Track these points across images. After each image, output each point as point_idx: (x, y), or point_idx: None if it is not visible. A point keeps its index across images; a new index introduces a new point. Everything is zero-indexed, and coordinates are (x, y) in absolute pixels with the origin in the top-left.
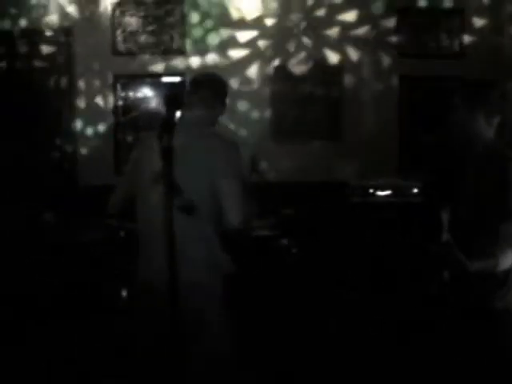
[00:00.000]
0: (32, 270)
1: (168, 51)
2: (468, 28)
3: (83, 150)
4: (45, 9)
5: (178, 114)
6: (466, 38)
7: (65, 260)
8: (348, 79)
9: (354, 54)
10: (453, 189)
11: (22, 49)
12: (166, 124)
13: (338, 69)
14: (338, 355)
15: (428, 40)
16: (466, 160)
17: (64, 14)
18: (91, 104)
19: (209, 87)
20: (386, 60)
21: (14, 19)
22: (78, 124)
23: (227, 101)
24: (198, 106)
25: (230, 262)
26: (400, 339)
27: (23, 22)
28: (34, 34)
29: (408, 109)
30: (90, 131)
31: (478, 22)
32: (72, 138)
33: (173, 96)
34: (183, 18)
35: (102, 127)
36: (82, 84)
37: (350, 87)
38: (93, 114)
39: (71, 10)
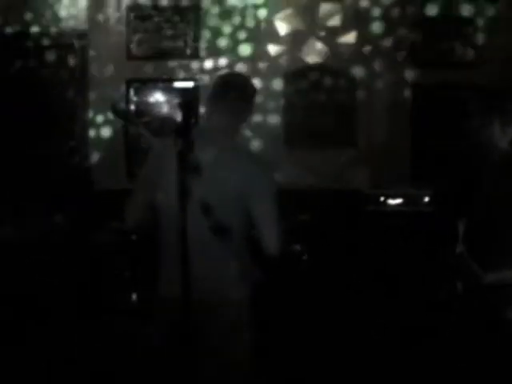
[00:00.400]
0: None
1: (182, 56)
2: (483, 36)
3: (96, 155)
4: (59, 12)
5: (193, 121)
6: (481, 47)
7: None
8: (362, 87)
9: (368, 62)
10: (466, 199)
11: (37, 52)
12: (181, 129)
13: (352, 76)
14: (349, 361)
15: (443, 48)
16: (480, 170)
17: (78, 18)
18: (104, 108)
19: (239, 90)
20: (400, 68)
21: (29, 23)
22: (91, 128)
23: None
24: (226, 113)
25: (260, 274)
26: (411, 349)
27: (38, 26)
28: (49, 38)
29: (421, 117)
30: (103, 135)
31: (493, 30)
32: (85, 142)
33: (188, 100)
34: (198, 23)
35: (114, 131)
36: (95, 88)
37: (363, 95)
38: (106, 119)
39: (86, 13)
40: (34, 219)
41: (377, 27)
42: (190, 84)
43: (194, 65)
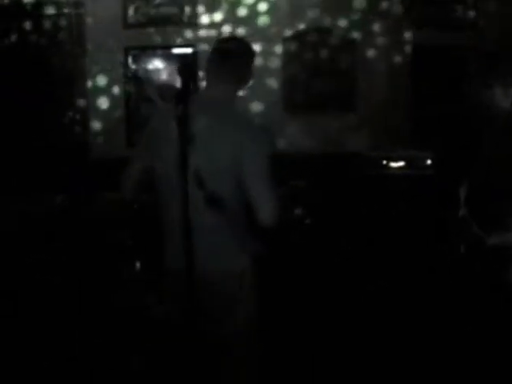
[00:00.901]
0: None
1: (179, 23)
2: None
3: (95, 124)
4: None
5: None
6: (481, 8)
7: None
8: (362, 50)
9: (368, 25)
10: (468, 161)
11: (33, 21)
12: (180, 94)
13: (352, 39)
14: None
15: (443, 10)
16: (482, 131)
17: None
18: (102, 76)
19: (237, 56)
20: (400, 30)
21: None
22: (90, 97)
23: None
24: (225, 79)
25: (260, 246)
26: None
27: None
28: (45, 7)
29: (422, 79)
30: (101, 104)
31: None
32: (83, 111)
33: (186, 65)
34: None
35: (113, 100)
36: (92, 56)
37: (363, 58)
38: (104, 87)
39: None
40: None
41: None
42: (188, 50)
43: (191, 31)
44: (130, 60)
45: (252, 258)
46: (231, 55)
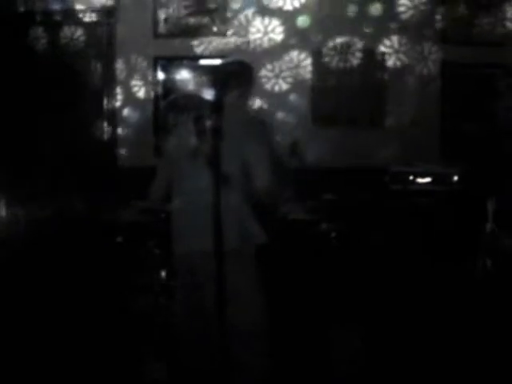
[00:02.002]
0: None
1: (209, 33)
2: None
3: (123, 132)
4: None
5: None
6: (510, 26)
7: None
8: (391, 65)
9: (397, 40)
10: (496, 177)
11: (65, 29)
12: (215, 105)
13: (382, 54)
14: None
15: (472, 27)
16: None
17: None
18: (131, 85)
19: (236, 80)
20: (429, 46)
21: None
22: (118, 105)
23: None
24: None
25: (262, 232)
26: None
27: (67, 2)
28: (77, 14)
29: (451, 95)
30: (130, 113)
31: None
32: (112, 119)
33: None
34: (225, 1)
35: (142, 109)
36: (122, 65)
37: (392, 73)
38: (133, 96)
39: None
40: (61, 198)
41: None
42: (217, 61)
43: (222, 42)
44: (159, 69)
45: (254, 246)
46: (227, 81)
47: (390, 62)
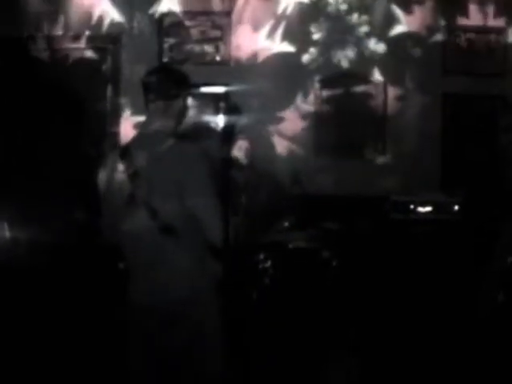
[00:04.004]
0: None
1: (213, 62)
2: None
3: None
4: (93, 16)
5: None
6: (510, 57)
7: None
8: (391, 95)
9: (398, 71)
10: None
11: (70, 55)
12: (229, 133)
13: (382, 85)
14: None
15: (472, 58)
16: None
17: (112, 22)
18: (136, 112)
19: (159, 91)
20: (430, 77)
21: (63, 25)
22: (122, 130)
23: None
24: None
25: (220, 270)
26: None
27: (71, 28)
28: (82, 41)
29: (451, 126)
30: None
31: None
32: (115, 144)
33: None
34: (230, 29)
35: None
36: (127, 92)
37: (393, 103)
38: (136, 120)
39: (119, 18)
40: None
41: (406, 36)
42: (221, 89)
43: (225, 71)
44: None
45: (215, 285)
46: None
47: (391, 92)
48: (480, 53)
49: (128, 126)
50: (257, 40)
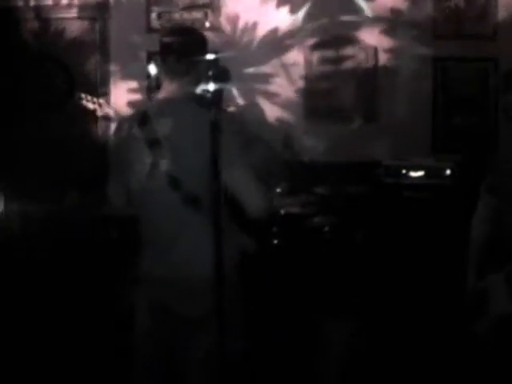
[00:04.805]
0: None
1: (203, 28)
2: (502, 10)
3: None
4: None
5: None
6: (501, 20)
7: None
8: (382, 59)
9: (389, 35)
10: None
11: (56, 24)
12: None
13: (373, 49)
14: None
15: (462, 21)
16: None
17: None
18: (125, 81)
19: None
20: (421, 41)
21: None
22: (111, 101)
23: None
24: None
25: (248, 244)
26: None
27: None
28: (68, 9)
29: (442, 90)
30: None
31: None
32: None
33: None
34: None
35: (135, 104)
36: (115, 60)
37: (383, 67)
38: (126, 91)
39: None
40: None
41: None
42: (210, 56)
43: (216, 37)
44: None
45: (239, 259)
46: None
47: (382, 56)
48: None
49: (119, 92)
50: (246, 6)
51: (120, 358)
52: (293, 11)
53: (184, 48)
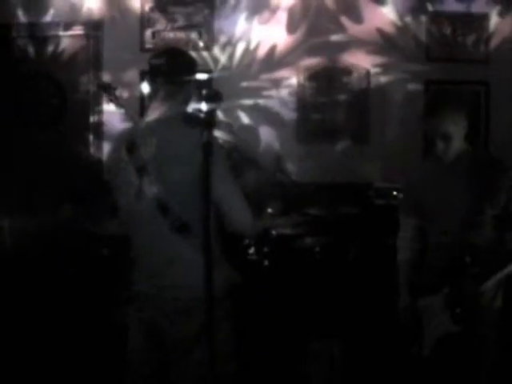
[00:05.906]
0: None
1: (196, 48)
2: (494, 33)
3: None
4: (74, 3)
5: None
6: (492, 44)
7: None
8: (375, 82)
9: (381, 57)
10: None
11: (50, 41)
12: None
13: (366, 71)
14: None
15: (455, 45)
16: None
17: (94, 8)
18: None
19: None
20: (413, 64)
21: (43, 11)
22: (104, 118)
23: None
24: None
25: (233, 273)
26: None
27: (52, 15)
28: (63, 27)
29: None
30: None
31: (505, 27)
32: (98, 132)
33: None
34: (212, 15)
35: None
36: (108, 79)
37: (376, 90)
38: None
39: (101, 4)
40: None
41: (390, 23)
42: (203, 76)
43: (208, 57)
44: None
45: (227, 288)
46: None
47: (375, 78)
48: (463, 40)
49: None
50: (240, 26)
51: (111, 377)
52: (288, 32)
53: (172, 69)
